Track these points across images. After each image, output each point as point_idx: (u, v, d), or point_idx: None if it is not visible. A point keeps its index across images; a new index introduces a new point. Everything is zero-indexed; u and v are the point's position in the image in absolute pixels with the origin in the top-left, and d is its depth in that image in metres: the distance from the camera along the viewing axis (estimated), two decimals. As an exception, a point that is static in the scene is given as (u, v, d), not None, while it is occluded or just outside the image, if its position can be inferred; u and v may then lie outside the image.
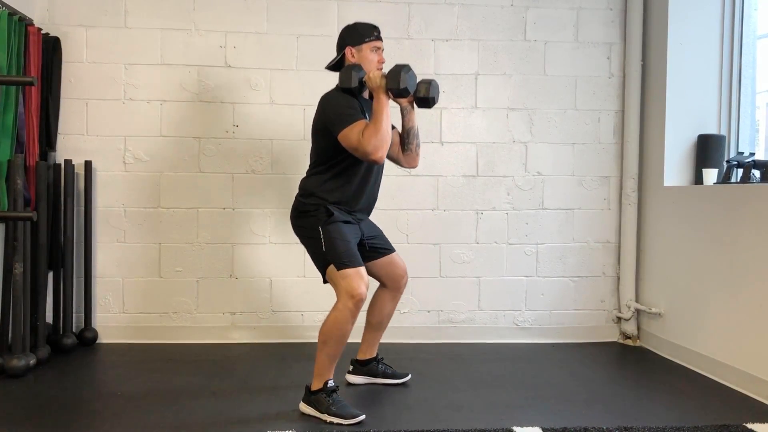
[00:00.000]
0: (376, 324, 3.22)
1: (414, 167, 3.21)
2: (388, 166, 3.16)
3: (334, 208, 2.86)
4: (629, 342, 4.12)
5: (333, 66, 3.07)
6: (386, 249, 3.14)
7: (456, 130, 4.10)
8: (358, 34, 2.96)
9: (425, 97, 2.88)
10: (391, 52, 4.04)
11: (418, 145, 3.11)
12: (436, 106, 4.01)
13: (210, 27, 3.96)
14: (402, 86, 2.76)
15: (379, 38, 2.99)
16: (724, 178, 3.63)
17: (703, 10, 3.85)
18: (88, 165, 3.87)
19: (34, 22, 3.72)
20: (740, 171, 3.51)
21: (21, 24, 3.48)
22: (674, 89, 3.86)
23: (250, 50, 3.98)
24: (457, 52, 4.09)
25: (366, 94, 2.93)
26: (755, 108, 3.90)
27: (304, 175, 3.04)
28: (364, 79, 2.81)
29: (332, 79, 2.91)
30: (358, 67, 2.82)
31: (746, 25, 3.81)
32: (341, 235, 2.83)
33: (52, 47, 3.77)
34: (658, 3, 3.95)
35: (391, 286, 3.17)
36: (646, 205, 4.09)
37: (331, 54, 4.01)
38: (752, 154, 3.57)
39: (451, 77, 4.08)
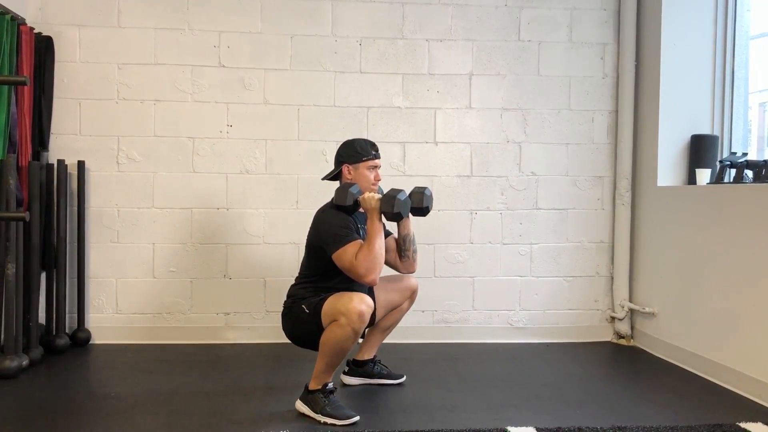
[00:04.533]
0: (383, 327, 3.22)
1: (412, 272, 3.19)
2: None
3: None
4: (623, 341, 4.13)
5: (330, 177, 3.08)
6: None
7: (450, 130, 4.10)
8: (355, 153, 2.97)
9: (419, 207, 2.91)
10: (385, 52, 4.05)
11: (414, 251, 3.12)
12: (430, 106, 4.07)
13: (204, 26, 3.95)
14: (396, 211, 2.79)
15: (377, 157, 3.00)
16: (717, 179, 3.64)
17: (697, 11, 3.86)
18: (81, 165, 3.85)
19: (27, 21, 3.70)
20: (733, 171, 3.53)
21: (13, 23, 3.46)
22: (668, 90, 3.87)
23: (244, 50, 3.97)
24: (452, 52, 4.09)
25: (362, 209, 2.92)
26: (748, 108, 3.91)
27: (293, 282, 3.04)
28: (358, 199, 2.83)
29: (327, 83, 2.93)
30: (354, 187, 2.85)
31: (739, 26, 3.83)
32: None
33: (44, 47, 3.75)
34: (652, 3, 3.96)
35: (407, 301, 3.21)
36: (639, 205, 4.10)
37: (325, 54, 4.02)
38: (745, 155, 3.59)
39: (445, 77, 4.08)
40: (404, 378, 3.26)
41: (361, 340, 3.21)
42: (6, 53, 3.39)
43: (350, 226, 2.83)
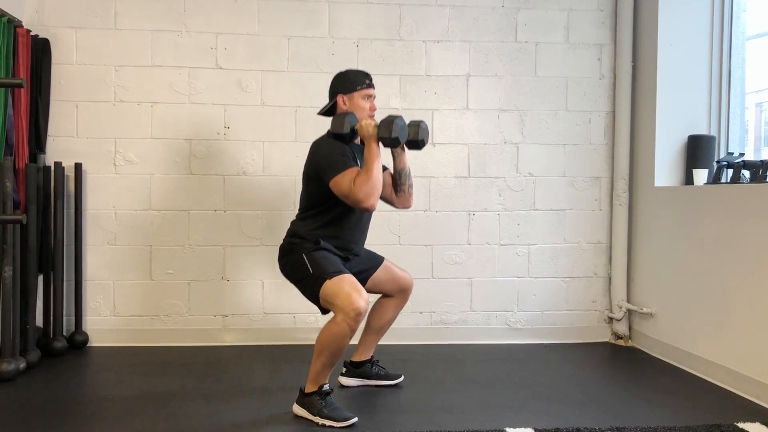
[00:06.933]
0: (377, 328, 3.21)
1: (407, 207, 3.20)
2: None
3: (325, 244, 2.86)
4: (621, 342, 4.13)
5: (325, 112, 3.06)
6: (376, 262, 3.12)
7: (448, 132, 4.10)
8: (349, 82, 2.96)
9: (414, 139, 2.90)
10: (382, 54, 4.06)
11: (410, 186, 3.11)
12: (427, 107, 4.07)
13: (200, 28, 3.95)
14: (393, 136, 2.78)
15: (371, 86, 2.98)
16: (714, 179, 3.65)
17: (693, 12, 3.87)
18: (78, 167, 3.85)
19: (24, 23, 3.70)
20: (730, 171, 3.53)
21: (10, 25, 3.46)
22: (664, 90, 3.88)
23: (241, 52, 3.97)
24: (449, 53, 4.09)
25: (358, 140, 2.92)
26: (744, 108, 3.92)
27: (294, 218, 3.03)
28: (355, 127, 2.82)
29: (324, 84, 2.92)
30: (351, 115, 2.84)
31: (735, 27, 3.83)
32: (326, 255, 2.83)
33: (41, 49, 3.75)
34: (648, 4, 3.97)
35: (398, 296, 3.18)
36: (637, 205, 4.10)
37: (322, 55, 4.02)
38: (742, 155, 3.59)
39: (442, 78, 4.08)
40: (402, 378, 3.26)
41: (356, 342, 3.21)
42: (2, 55, 3.39)
43: (347, 153, 2.81)
